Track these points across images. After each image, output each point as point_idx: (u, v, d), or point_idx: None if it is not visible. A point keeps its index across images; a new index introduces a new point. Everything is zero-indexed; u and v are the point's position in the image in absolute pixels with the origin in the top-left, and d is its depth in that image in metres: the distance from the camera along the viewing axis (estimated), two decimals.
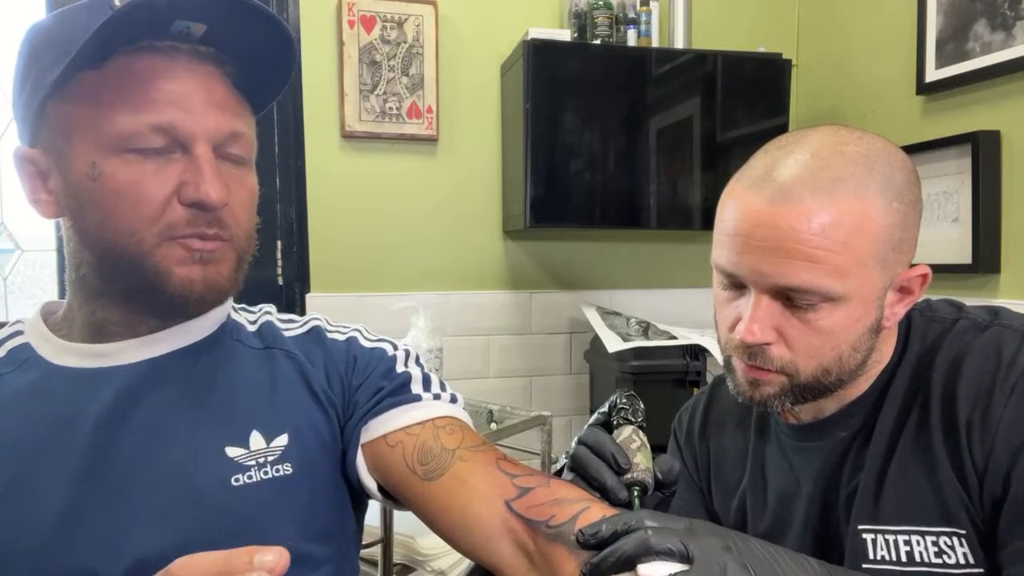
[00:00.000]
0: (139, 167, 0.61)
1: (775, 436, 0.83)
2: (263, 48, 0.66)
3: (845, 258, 0.65)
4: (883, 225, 0.66)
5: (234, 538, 0.62)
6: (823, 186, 0.66)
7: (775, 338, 0.70)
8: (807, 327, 0.68)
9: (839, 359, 0.70)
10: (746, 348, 0.71)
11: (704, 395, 0.96)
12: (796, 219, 0.65)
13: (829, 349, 0.69)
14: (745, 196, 0.69)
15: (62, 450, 0.61)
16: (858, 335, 0.69)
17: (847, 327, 0.68)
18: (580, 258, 2.17)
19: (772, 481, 0.83)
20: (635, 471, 0.63)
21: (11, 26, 1.76)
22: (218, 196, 0.62)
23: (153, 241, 0.62)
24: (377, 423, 0.69)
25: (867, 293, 0.68)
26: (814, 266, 0.65)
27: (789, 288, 0.67)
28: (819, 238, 0.65)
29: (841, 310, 0.67)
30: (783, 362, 0.70)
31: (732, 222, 0.70)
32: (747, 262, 0.69)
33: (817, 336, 0.68)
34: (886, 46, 1.90)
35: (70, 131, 0.62)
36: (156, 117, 0.61)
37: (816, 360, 0.69)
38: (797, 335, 0.69)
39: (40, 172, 0.65)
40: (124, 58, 0.61)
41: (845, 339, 0.69)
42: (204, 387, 0.67)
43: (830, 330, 0.68)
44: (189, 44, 0.64)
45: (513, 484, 0.63)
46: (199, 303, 0.65)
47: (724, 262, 0.72)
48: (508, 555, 0.61)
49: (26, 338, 0.69)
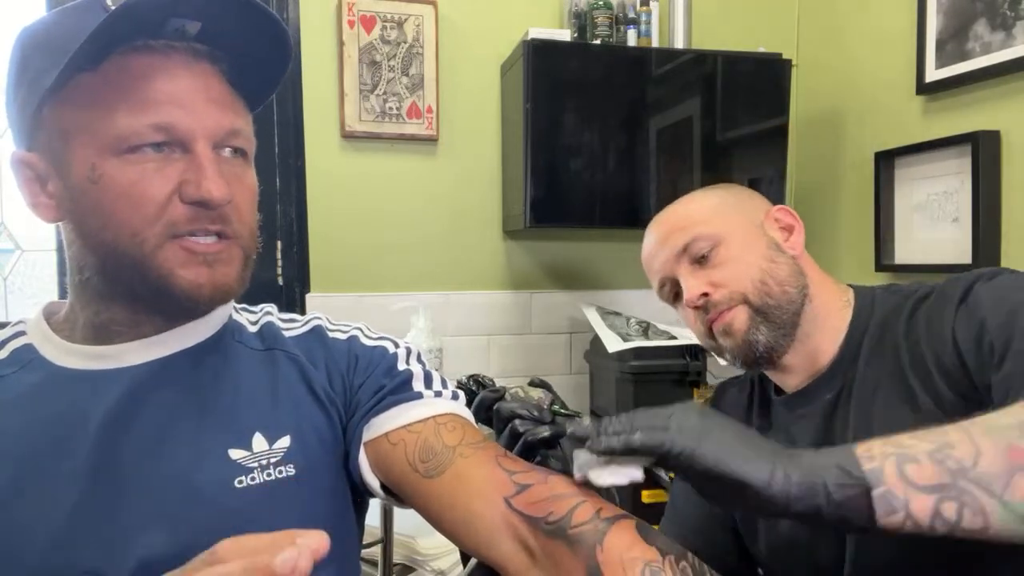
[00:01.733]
0: (139, 167, 0.61)
1: (773, 417, 0.95)
2: (258, 44, 0.66)
3: (703, 215, 0.93)
4: (715, 194, 0.97)
5: None
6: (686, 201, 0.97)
7: (710, 288, 0.89)
8: (721, 266, 0.89)
9: (762, 270, 0.88)
10: (701, 312, 0.90)
11: (708, 402, 1.07)
12: (664, 219, 0.96)
13: (744, 267, 0.89)
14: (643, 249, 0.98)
15: (66, 452, 0.61)
16: (761, 251, 0.90)
17: (746, 251, 0.90)
18: (580, 258, 2.17)
19: None
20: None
21: (11, 26, 1.75)
22: (220, 193, 0.62)
23: (155, 241, 0.62)
24: (379, 421, 0.69)
25: (737, 227, 0.91)
26: (687, 226, 0.92)
27: (684, 247, 0.91)
28: (685, 216, 0.94)
29: (731, 244, 0.90)
30: (726, 297, 0.88)
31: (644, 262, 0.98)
32: (657, 260, 0.95)
33: (731, 266, 0.89)
34: (886, 46, 1.90)
35: (68, 134, 0.62)
36: (155, 117, 0.60)
37: (747, 279, 0.88)
38: (720, 275, 0.89)
39: (38, 176, 0.64)
40: (120, 58, 0.61)
41: (751, 259, 0.89)
42: (207, 389, 0.67)
43: (736, 257, 0.89)
44: (184, 42, 0.63)
45: (512, 481, 0.63)
46: (208, 304, 0.65)
47: (654, 278, 0.97)
48: (510, 551, 0.61)
49: (29, 339, 0.69)
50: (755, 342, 0.87)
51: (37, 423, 0.62)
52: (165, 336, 0.68)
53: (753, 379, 1.01)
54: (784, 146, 1.99)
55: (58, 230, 0.68)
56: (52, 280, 1.85)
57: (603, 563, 0.55)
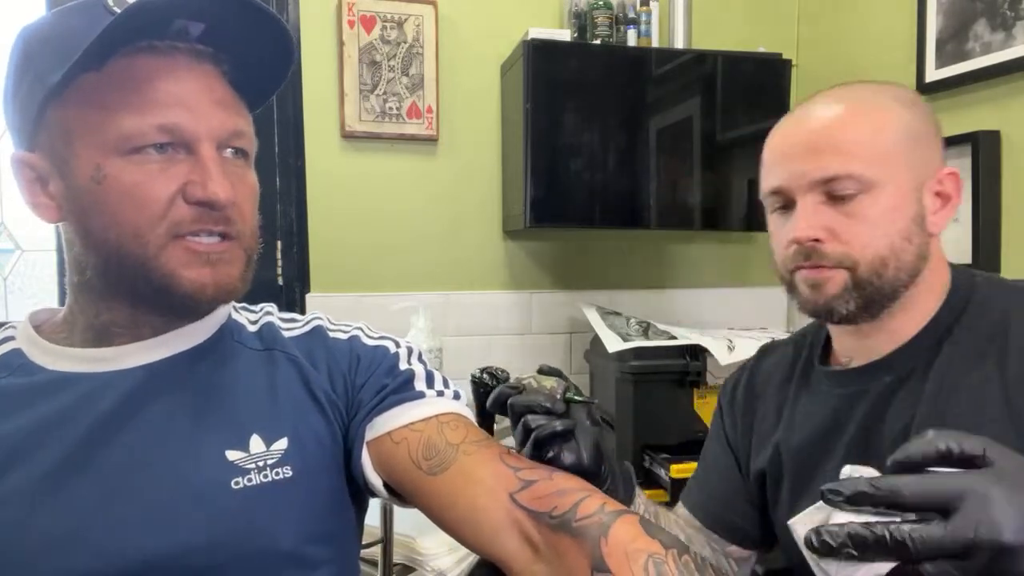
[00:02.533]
0: (144, 168, 0.61)
1: (816, 386, 0.85)
2: (260, 46, 0.66)
3: (870, 149, 0.74)
4: (901, 122, 0.76)
5: (235, 541, 0.62)
6: (843, 99, 0.77)
7: (826, 235, 0.75)
8: (853, 219, 0.74)
9: (891, 248, 0.74)
10: (802, 251, 0.76)
11: (750, 363, 0.98)
12: (824, 123, 0.76)
13: (880, 236, 0.74)
14: (777, 131, 0.81)
15: (62, 455, 0.61)
16: (903, 224, 0.74)
17: (889, 215, 0.74)
18: (580, 258, 2.17)
19: (808, 424, 0.83)
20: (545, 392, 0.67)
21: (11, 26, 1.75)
22: (226, 194, 0.62)
23: (159, 242, 0.62)
24: (381, 421, 0.69)
25: (900, 181, 0.74)
26: (844, 155, 0.74)
27: (826, 179, 0.74)
28: (843, 133, 0.74)
29: (880, 198, 0.73)
30: (838, 255, 0.74)
31: (769, 152, 0.81)
32: (787, 169, 0.77)
33: (864, 225, 0.74)
34: (886, 46, 1.90)
35: (71, 135, 0.62)
36: (161, 118, 0.61)
37: (871, 249, 0.74)
38: (846, 228, 0.74)
39: (39, 177, 0.64)
40: (124, 59, 0.61)
41: (892, 227, 0.74)
42: (205, 390, 0.67)
43: (875, 219, 0.73)
44: (187, 43, 0.64)
45: (516, 477, 0.63)
46: (210, 304, 0.66)
47: (769, 181, 0.80)
48: (514, 547, 0.61)
49: (17, 344, 0.68)
50: (836, 309, 0.76)
51: (29, 428, 0.62)
52: (164, 338, 0.68)
53: (800, 343, 0.92)
54: None
55: (58, 230, 0.68)
56: (52, 280, 1.85)
57: (607, 555, 0.55)
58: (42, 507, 0.59)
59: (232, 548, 0.62)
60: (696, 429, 1.80)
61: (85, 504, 0.60)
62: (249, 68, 0.67)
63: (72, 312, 0.69)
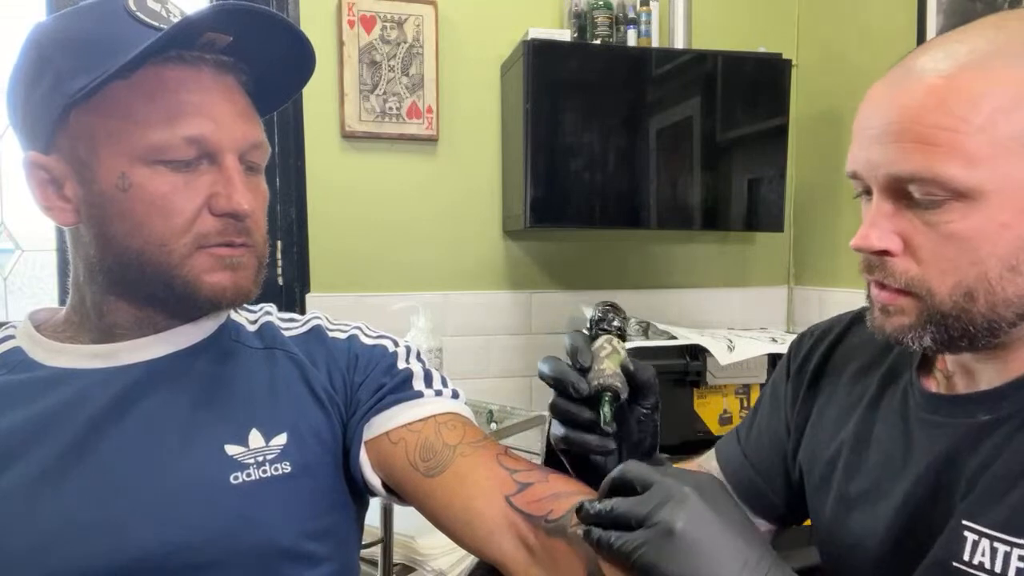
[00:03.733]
0: (170, 178, 0.62)
1: (900, 399, 0.68)
2: (282, 59, 0.68)
3: (974, 139, 0.51)
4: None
5: (233, 536, 0.62)
6: (951, 56, 0.54)
7: (898, 247, 0.57)
8: (935, 233, 0.55)
9: (985, 279, 0.54)
10: (866, 261, 0.60)
11: (837, 328, 0.80)
12: (909, 95, 0.54)
13: (967, 263, 0.54)
14: (869, 93, 0.59)
15: (59, 451, 0.61)
16: (1009, 248, 0.53)
17: (989, 234, 0.53)
18: (580, 258, 2.17)
19: (877, 445, 0.69)
20: (600, 377, 0.61)
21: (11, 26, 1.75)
22: (249, 205, 0.64)
23: (183, 252, 0.63)
24: (380, 420, 0.70)
25: (1017, 190, 0.52)
26: (931, 149, 0.52)
27: (901, 178, 0.55)
28: (936, 114, 0.52)
29: (978, 210, 0.53)
30: (909, 278, 0.57)
31: (856, 122, 0.60)
32: (862, 154, 0.58)
33: (948, 244, 0.54)
34: (886, 46, 1.90)
35: (95, 141, 0.62)
36: (188, 129, 0.61)
37: (952, 277, 0.55)
38: (924, 243, 0.55)
39: (53, 179, 0.64)
40: (152, 68, 0.62)
41: (989, 250, 0.53)
42: (204, 386, 0.67)
43: (965, 237, 0.53)
44: (213, 54, 0.64)
45: (513, 479, 0.63)
46: (229, 306, 0.68)
47: (854, 160, 0.60)
48: (510, 549, 0.62)
49: (17, 342, 0.69)
50: (907, 343, 0.60)
51: (27, 424, 0.62)
52: (164, 335, 0.68)
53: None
54: (784, 146, 1.99)
55: (59, 231, 0.68)
56: (52, 280, 1.85)
57: (602, 561, 0.55)
58: (39, 503, 0.59)
59: (230, 543, 0.62)
60: (696, 429, 1.80)
61: (82, 499, 0.60)
62: (267, 80, 0.69)
63: (75, 311, 0.69)
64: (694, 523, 0.49)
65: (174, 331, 0.69)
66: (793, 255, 2.31)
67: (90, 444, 0.62)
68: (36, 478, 0.60)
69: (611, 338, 0.65)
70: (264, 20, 0.64)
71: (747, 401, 1.85)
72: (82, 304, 0.69)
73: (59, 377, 0.65)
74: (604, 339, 0.65)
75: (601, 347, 0.64)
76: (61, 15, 0.65)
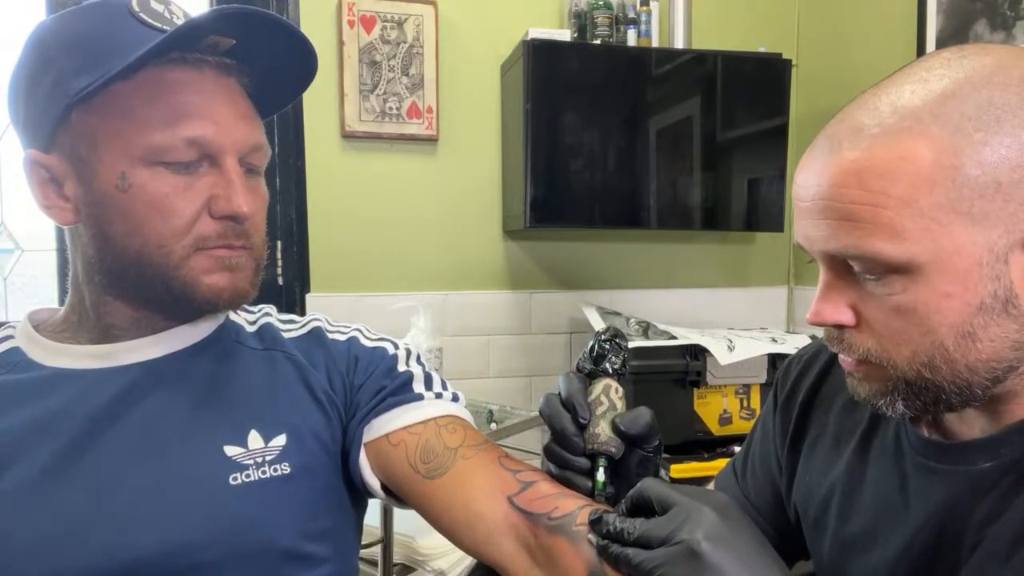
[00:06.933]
0: (170, 180, 0.62)
1: (893, 439, 0.66)
2: (285, 63, 0.68)
3: (898, 213, 0.50)
4: (953, 164, 0.49)
5: (233, 537, 0.62)
6: (875, 117, 0.52)
7: (850, 319, 0.56)
8: (884, 305, 0.54)
9: (942, 347, 0.52)
10: (827, 332, 0.58)
11: (824, 356, 0.78)
12: (830, 170, 0.53)
13: (919, 334, 0.52)
14: (804, 158, 0.57)
15: (57, 451, 0.61)
16: (959, 317, 0.51)
17: (935, 305, 0.51)
18: (580, 258, 2.17)
19: (872, 487, 0.67)
20: (595, 442, 0.60)
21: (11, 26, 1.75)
22: (249, 208, 0.64)
23: (182, 253, 0.63)
24: (379, 422, 0.69)
25: (953, 259, 0.50)
26: (855, 225, 0.51)
27: (833, 254, 0.54)
28: (856, 191, 0.51)
29: (918, 283, 0.51)
30: (866, 349, 0.56)
31: (792, 187, 0.59)
32: (800, 229, 0.57)
33: (897, 317, 0.53)
34: (886, 46, 1.90)
35: (96, 141, 0.62)
36: (190, 131, 0.61)
37: (907, 348, 0.53)
38: (876, 314, 0.54)
39: (53, 178, 0.64)
40: (154, 69, 0.61)
41: (939, 320, 0.51)
42: (203, 387, 0.67)
43: (910, 309, 0.52)
44: (215, 56, 0.64)
45: (515, 479, 0.63)
46: (226, 308, 0.68)
47: (796, 223, 0.58)
48: (510, 551, 0.61)
49: (16, 342, 0.69)
50: (884, 408, 0.58)
51: (26, 424, 0.62)
52: (162, 336, 0.68)
53: None
54: (784, 146, 1.99)
55: (59, 230, 0.68)
56: (52, 280, 1.84)
57: None
58: (37, 504, 0.59)
59: (229, 545, 0.62)
60: (696, 429, 1.80)
61: (80, 501, 0.60)
62: (268, 83, 0.69)
63: (74, 310, 0.69)
64: (716, 544, 0.49)
65: (172, 332, 0.68)
66: (793, 255, 2.31)
67: (89, 444, 0.62)
68: (35, 478, 0.60)
69: (609, 385, 0.63)
70: (267, 24, 0.64)
71: (747, 401, 1.85)
72: (81, 304, 0.69)
73: (57, 378, 0.65)
74: (602, 388, 0.62)
75: (598, 401, 0.62)
76: (64, 14, 0.65)
